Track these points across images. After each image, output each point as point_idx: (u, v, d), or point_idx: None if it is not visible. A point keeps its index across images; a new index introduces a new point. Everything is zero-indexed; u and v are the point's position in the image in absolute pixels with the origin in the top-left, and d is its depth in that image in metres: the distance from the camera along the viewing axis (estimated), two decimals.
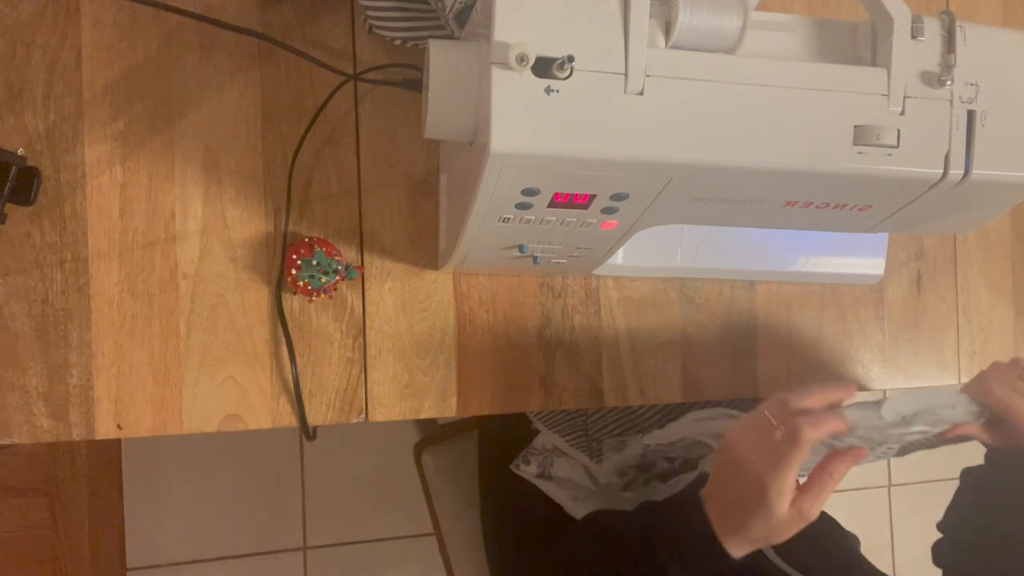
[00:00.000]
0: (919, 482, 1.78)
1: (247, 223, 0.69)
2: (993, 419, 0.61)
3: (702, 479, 0.66)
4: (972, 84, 0.52)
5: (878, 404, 0.57)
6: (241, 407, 0.69)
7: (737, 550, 0.55)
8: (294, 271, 0.67)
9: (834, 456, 0.55)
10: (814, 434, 0.53)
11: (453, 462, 1.02)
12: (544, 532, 0.82)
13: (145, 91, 0.67)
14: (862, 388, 0.82)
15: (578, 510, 0.81)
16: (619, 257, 0.73)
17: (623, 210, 0.55)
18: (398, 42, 0.69)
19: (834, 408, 0.56)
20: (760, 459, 0.53)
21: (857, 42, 0.54)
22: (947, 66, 0.51)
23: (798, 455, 0.52)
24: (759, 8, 0.54)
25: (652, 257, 0.74)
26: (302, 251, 0.67)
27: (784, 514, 0.53)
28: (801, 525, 0.54)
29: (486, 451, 0.97)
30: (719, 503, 0.57)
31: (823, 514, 0.80)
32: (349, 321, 0.71)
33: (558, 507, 0.83)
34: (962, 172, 0.52)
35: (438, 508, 1.02)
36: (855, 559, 0.75)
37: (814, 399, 0.56)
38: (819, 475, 0.54)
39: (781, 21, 0.55)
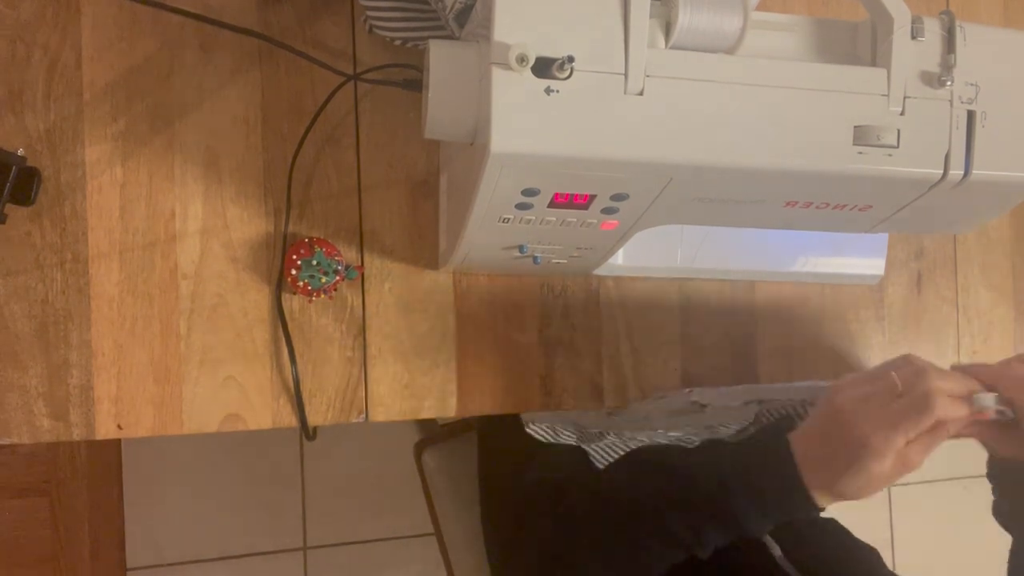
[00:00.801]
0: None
1: (247, 223, 0.69)
2: (1013, 420, 0.54)
3: (783, 423, 0.62)
4: (972, 84, 0.52)
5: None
6: (241, 407, 0.69)
7: (824, 502, 0.54)
8: (294, 271, 0.67)
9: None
10: (946, 413, 0.50)
11: (453, 462, 1.02)
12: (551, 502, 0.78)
13: (145, 91, 0.67)
14: None
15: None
16: (619, 257, 0.73)
17: (623, 210, 0.55)
18: (398, 42, 0.69)
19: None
20: (876, 418, 0.51)
21: (857, 42, 0.54)
22: (947, 66, 0.51)
23: (922, 424, 0.50)
24: (759, 8, 0.54)
25: (652, 257, 0.74)
26: (302, 251, 0.67)
27: (886, 471, 0.51)
28: (902, 475, 0.52)
29: (486, 451, 0.97)
30: (812, 453, 0.54)
31: (835, 524, 0.79)
32: (349, 321, 0.71)
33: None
34: (962, 172, 0.52)
35: (438, 508, 1.02)
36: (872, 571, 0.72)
37: (953, 383, 0.52)
38: (936, 427, 0.51)
39: (781, 21, 0.55)
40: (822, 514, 0.73)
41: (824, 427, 0.54)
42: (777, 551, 0.67)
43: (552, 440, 0.75)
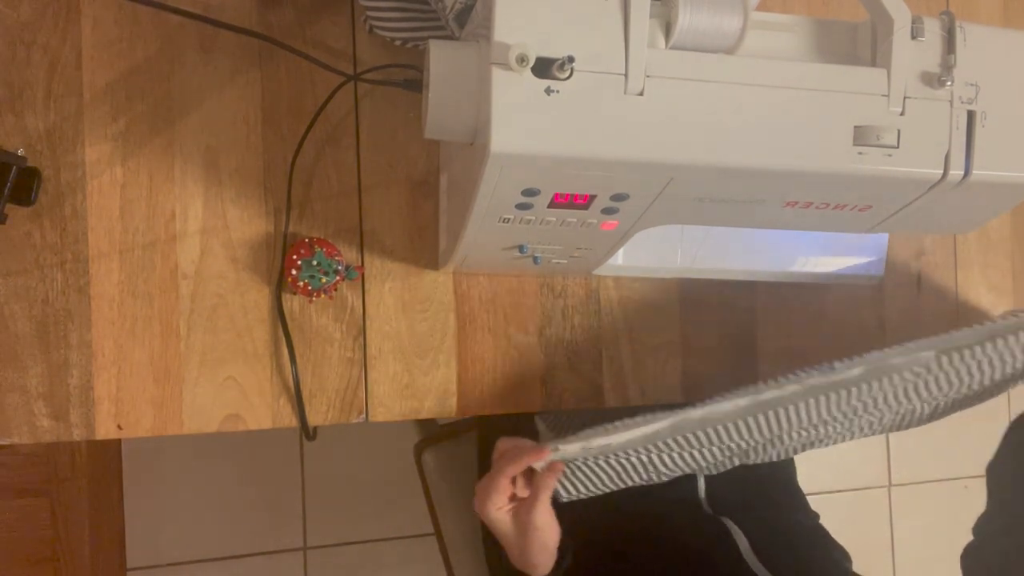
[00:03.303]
0: (919, 482, 1.78)
1: (247, 223, 0.69)
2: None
3: None
4: (972, 84, 0.52)
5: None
6: (241, 407, 0.69)
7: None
8: (294, 271, 0.67)
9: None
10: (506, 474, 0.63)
11: (453, 462, 1.02)
12: None
13: (145, 91, 0.67)
14: None
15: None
16: (619, 257, 0.73)
17: (623, 210, 0.55)
18: (398, 42, 0.69)
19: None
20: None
21: (857, 42, 0.54)
22: (947, 66, 0.51)
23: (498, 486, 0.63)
24: (759, 8, 0.54)
25: (652, 257, 0.74)
26: (302, 251, 0.67)
27: (511, 535, 0.64)
28: (526, 532, 0.64)
29: (486, 451, 0.97)
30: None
31: (819, 527, 0.81)
32: (349, 321, 0.71)
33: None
34: (962, 172, 0.52)
35: (438, 508, 1.02)
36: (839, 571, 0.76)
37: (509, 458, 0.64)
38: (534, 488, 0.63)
39: (781, 21, 0.55)
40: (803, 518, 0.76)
41: (496, 536, 0.67)
42: (744, 544, 0.70)
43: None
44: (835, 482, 1.75)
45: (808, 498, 0.91)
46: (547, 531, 0.64)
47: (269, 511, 1.51)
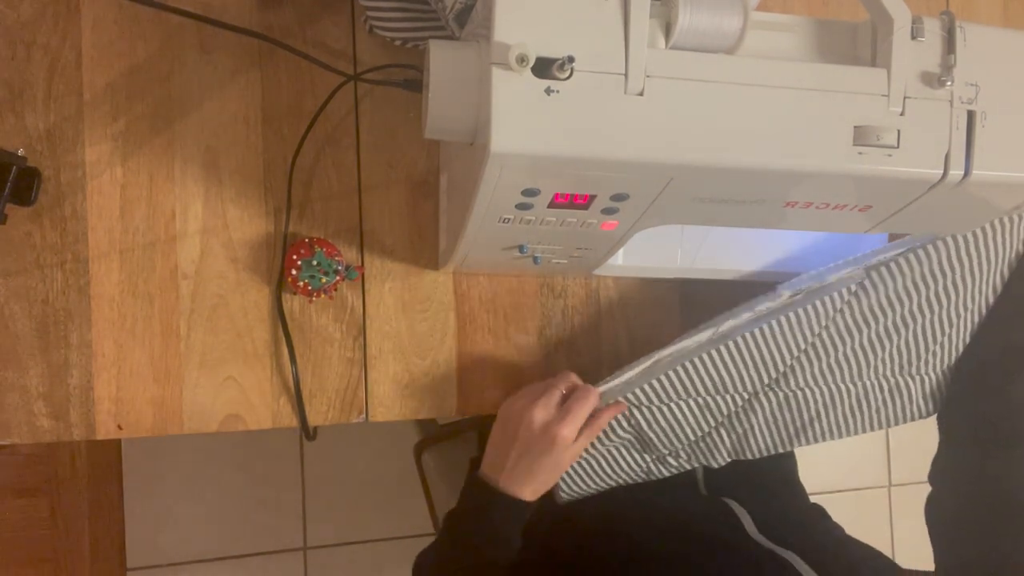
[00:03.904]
0: (919, 482, 1.78)
1: (247, 223, 0.69)
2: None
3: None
4: (972, 84, 0.52)
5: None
6: (241, 407, 0.69)
7: (528, 495, 0.65)
8: (294, 271, 0.67)
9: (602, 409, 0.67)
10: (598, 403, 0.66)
11: (453, 462, 1.02)
12: None
13: (145, 91, 0.67)
14: None
15: None
16: (619, 257, 0.73)
17: (623, 210, 0.55)
18: (398, 42, 0.69)
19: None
20: (551, 413, 0.64)
21: (857, 42, 0.54)
22: (947, 66, 0.51)
23: (587, 410, 0.65)
24: (759, 8, 0.54)
25: (652, 257, 0.74)
26: (302, 251, 0.67)
27: (565, 458, 0.65)
28: (574, 459, 0.67)
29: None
30: (497, 463, 0.66)
31: (818, 506, 0.82)
32: (349, 321, 0.71)
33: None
34: (962, 172, 0.52)
35: (438, 508, 1.02)
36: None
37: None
38: (591, 421, 0.66)
39: (781, 21, 0.55)
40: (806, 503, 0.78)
41: (500, 438, 0.67)
42: (748, 521, 0.71)
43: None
44: (835, 482, 1.75)
45: (809, 498, 0.91)
46: (571, 458, 0.66)
47: (269, 511, 1.51)
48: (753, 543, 0.68)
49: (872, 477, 1.78)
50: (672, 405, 0.69)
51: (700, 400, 0.69)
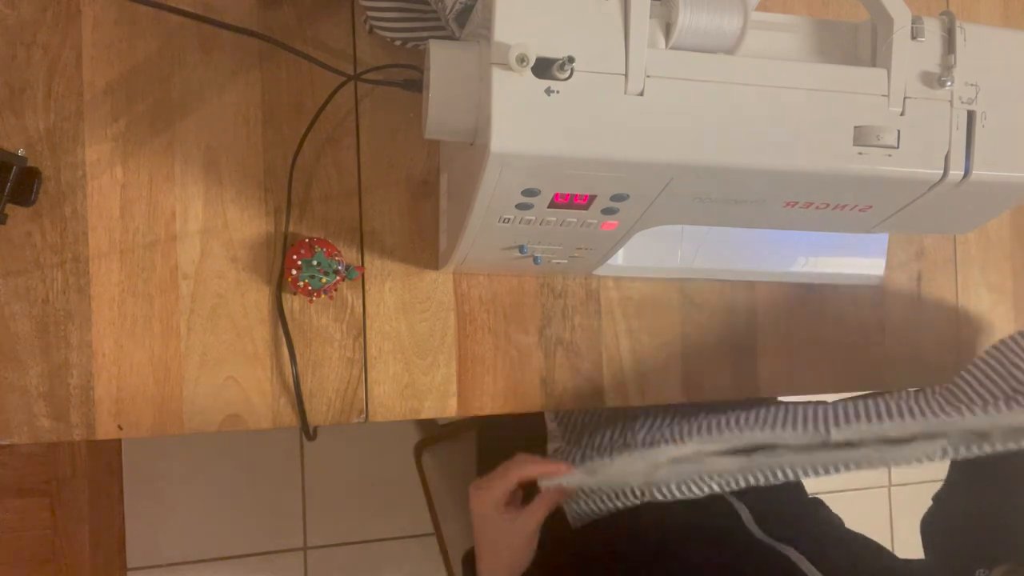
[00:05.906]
0: (919, 482, 1.78)
1: (247, 223, 0.69)
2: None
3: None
4: (972, 84, 0.52)
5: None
6: (241, 407, 0.69)
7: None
8: (294, 271, 0.67)
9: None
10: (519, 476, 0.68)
11: (453, 462, 1.02)
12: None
13: (145, 91, 0.67)
14: (863, 387, 0.82)
15: None
16: (619, 257, 0.73)
17: (623, 211, 0.55)
18: (398, 42, 0.69)
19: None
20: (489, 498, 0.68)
21: (857, 42, 0.54)
22: (947, 66, 0.51)
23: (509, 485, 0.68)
24: (759, 8, 0.54)
25: (652, 257, 0.74)
26: (302, 251, 0.67)
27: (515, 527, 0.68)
28: (514, 536, 0.69)
29: (486, 451, 0.97)
30: (481, 555, 0.71)
31: (816, 499, 0.82)
32: (349, 321, 0.71)
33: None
34: (962, 172, 0.52)
35: (438, 508, 1.02)
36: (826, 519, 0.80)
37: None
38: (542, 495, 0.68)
39: (781, 21, 0.55)
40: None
41: (477, 534, 0.71)
42: (746, 513, 0.72)
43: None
44: (835, 482, 1.75)
45: (807, 491, 0.90)
46: (531, 543, 0.68)
47: (269, 511, 1.51)
48: (752, 537, 0.68)
49: (872, 477, 1.78)
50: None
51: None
